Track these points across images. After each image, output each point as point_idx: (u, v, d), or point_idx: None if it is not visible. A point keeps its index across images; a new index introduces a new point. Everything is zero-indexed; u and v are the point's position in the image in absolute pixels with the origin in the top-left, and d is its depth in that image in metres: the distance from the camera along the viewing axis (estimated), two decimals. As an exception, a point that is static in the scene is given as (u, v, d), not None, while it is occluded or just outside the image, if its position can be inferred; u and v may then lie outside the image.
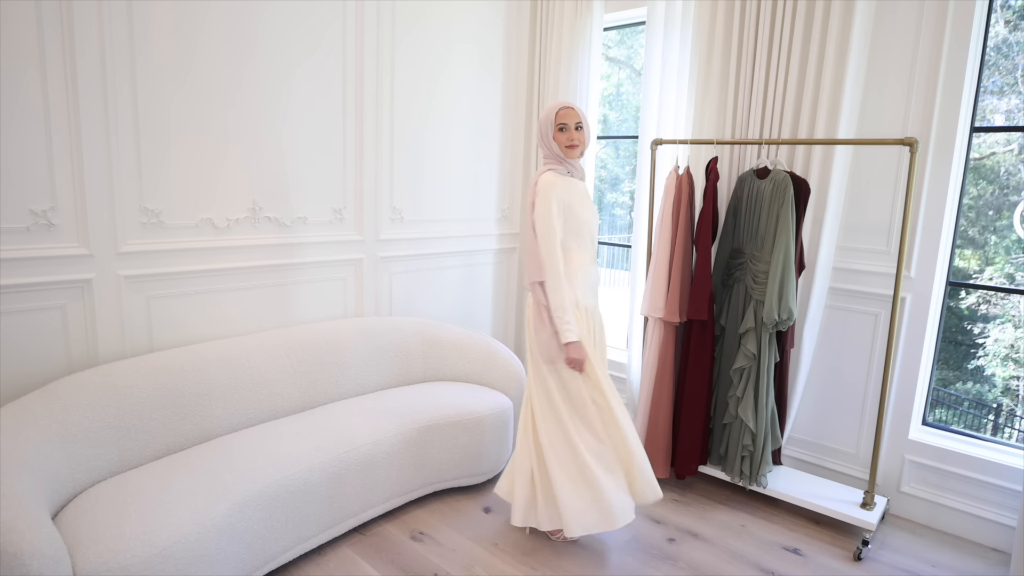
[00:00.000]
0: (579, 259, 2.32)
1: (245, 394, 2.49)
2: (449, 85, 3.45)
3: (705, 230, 2.76)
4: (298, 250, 2.90)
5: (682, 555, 2.44)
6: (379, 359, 3.00)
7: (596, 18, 3.47)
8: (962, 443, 2.66)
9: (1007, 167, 3.59)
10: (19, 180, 2.09)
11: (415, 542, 2.46)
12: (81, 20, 2.15)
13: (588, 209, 2.34)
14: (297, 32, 2.75)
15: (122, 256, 2.35)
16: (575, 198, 2.30)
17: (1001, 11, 2.76)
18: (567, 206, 2.27)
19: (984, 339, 4.17)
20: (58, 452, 1.94)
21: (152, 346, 2.48)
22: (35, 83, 2.08)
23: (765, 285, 2.59)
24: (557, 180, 2.27)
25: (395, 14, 3.12)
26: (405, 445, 2.56)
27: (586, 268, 2.34)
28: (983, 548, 2.56)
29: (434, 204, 3.50)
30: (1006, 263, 3.75)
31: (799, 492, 2.69)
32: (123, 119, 2.29)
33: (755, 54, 2.84)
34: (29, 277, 2.13)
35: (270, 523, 2.10)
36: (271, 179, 2.77)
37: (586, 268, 2.34)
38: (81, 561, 1.62)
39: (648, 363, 2.98)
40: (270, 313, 2.85)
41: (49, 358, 2.23)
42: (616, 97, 4.48)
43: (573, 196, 2.29)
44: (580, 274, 2.32)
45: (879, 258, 2.74)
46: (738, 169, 2.96)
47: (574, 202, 2.28)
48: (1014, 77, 3.13)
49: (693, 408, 2.83)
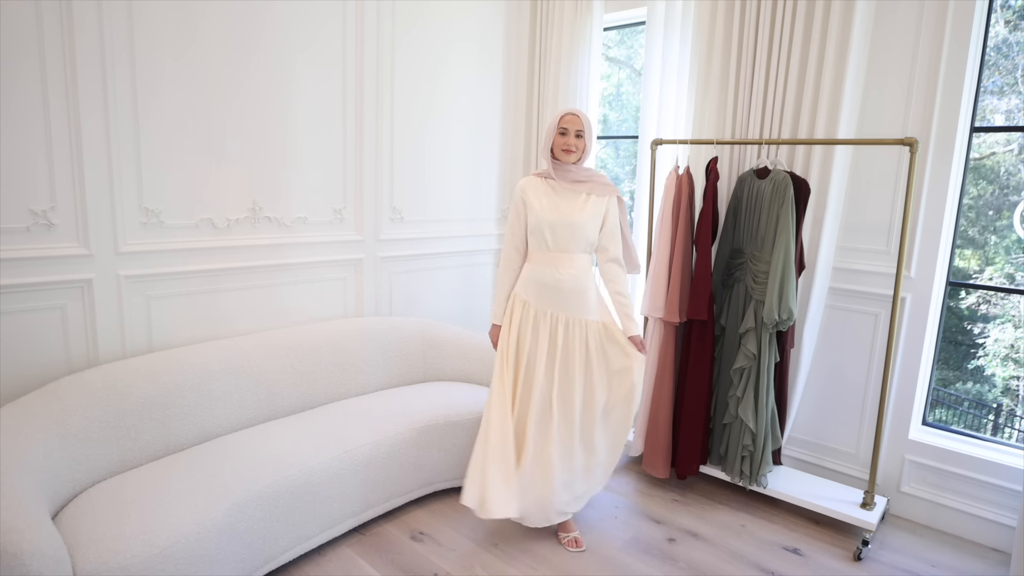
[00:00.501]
0: (536, 258, 2.39)
1: (245, 394, 2.49)
2: (449, 85, 3.45)
3: (705, 230, 2.76)
4: (298, 250, 2.90)
5: (682, 555, 2.43)
6: (379, 359, 3.00)
7: (596, 18, 3.47)
8: (962, 443, 2.66)
9: (1007, 167, 3.59)
10: (19, 180, 2.09)
11: (415, 542, 2.46)
12: (81, 20, 2.14)
13: (556, 210, 2.33)
14: (297, 32, 2.75)
15: (122, 256, 2.35)
16: (539, 199, 2.35)
17: (1001, 11, 2.76)
18: (527, 205, 2.36)
19: (984, 339, 4.17)
20: (58, 452, 1.94)
21: (152, 346, 2.48)
22: (35, 83, 2.08)
23: (765, 285, 2.59)
24: (528, 181, 2.40)
25: (395, 14, 3.11)
26: (405, 445, 2.56)
27: (539, 267, 2.37)
28: (983, 548, 2.56)
29: (434, 204, 3.50)
30: (1006, 263, 3.75)
31: (799, 492, 2.69)
32: (123, 119, 2.29)
33: (755, 54, 2.84)
34: (29, 277, 2.13)
35: (270, 523, 2.10)
36: (271, 179, 2.77)
37: (539, 267, 2.37)
38: (81, 561, 1.62)
39: (648, 363, 2.97)
40: (270, 313, 2.85)
41: (49, 358, 2.23)
42: (616, 97, 4.48)
43: (538, 197, 2.35)
44: (529, 271, 2.40)
45: (879, 258, 2.73)
46: (738, 169, 2.96)
47: (534, 202, 2.35)
48: (1014, 77, 3.13)
49: (693, 408, 2.83)
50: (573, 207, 2.33)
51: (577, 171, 2.36)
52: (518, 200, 2.40)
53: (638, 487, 2.98)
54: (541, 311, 2.38)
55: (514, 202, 2.42)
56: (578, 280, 2.35)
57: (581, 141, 2.33)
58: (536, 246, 2.39)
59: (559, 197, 2.34)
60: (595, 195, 2.35)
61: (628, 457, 3.27)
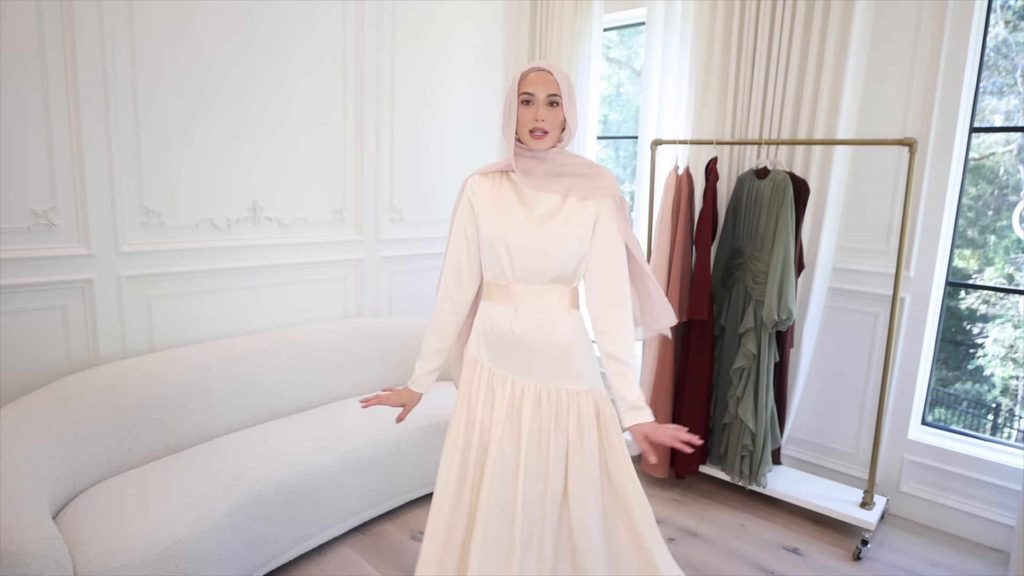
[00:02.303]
0: (489, 291, 1.57)
1: (245, 394, 2.49)
2: (449, 85, 3.45)
3: (705, 230, 2.76)
4: (298, 250, 2.90)
5: (682, 555, 2.44)
6: (379, 359, 3.00)
7: (596, 18, 3.47)
8: (961, 443, 2.67)
9: (1006, 167, 3.59)
10: (20, 180, 2.09)
11: (415, 542, 2.47)
12: (81, 20, 2.15)
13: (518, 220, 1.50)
14: (297, 32, 2.75)
15: (122, 256, 2.35)
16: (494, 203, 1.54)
17: (1000, 11, 2.76)
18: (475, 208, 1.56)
19: (983, 339, 4.17)
20: (59, 452, 1.94)
21: (152, 346, 2.48)
22: (36, 83, 2.09)
23: (765, 285, 2.59)
24: (477, 181, 1.58)
25: (395, 14, 3.12)
26: (405, 445, 2.56)
27: (493, 307, 1.55)
28: (982, 548, 2.57)
29: (434, 204, 3.50)
30: (1005, 263, 3.75)
31: (799, 492, 2.69)
32: (123, 119, 2.29)
33: (755, 54, 2.85)
34: (30, 277, 2.14)
35: (270, 523, 2.11)
36: (271, 179, 2.77)
37: (493, 307, 1.55)
38: (82, 561, 1.62)
39: (648, 363, 2.98)
40: (270, 313, 2.85)
41: (50, 358, 2.23)
42: (616, 97, 4.47)
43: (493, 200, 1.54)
44: (482, 315, 1.58)
45: (878, 258, 2.74)
46: (738, 169, 2.96)
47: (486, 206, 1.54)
48: (1014, 77, 3.13)
49: (693, 408, 2.84)
50: (544, 214, 1.51)
51: (553, 160, 1.52)
52: (464, 203, 1.57)
53: (638, 487, 2.98)
54: (499, 377, 1.55)
55: (458, 207, 1.59)
56: (552, 327, 1.51)
57: (556, 112, 1.48)
58: (490, 274, 1.56)
59: (523, 200, 1.53)
60: (575, 197, 1.52)
61: (628, 457, 3.27)
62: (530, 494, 1.50)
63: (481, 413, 1.55)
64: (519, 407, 1.52)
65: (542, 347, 1.52)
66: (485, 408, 1.55)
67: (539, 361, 1.52)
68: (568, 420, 1.52)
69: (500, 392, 1.54)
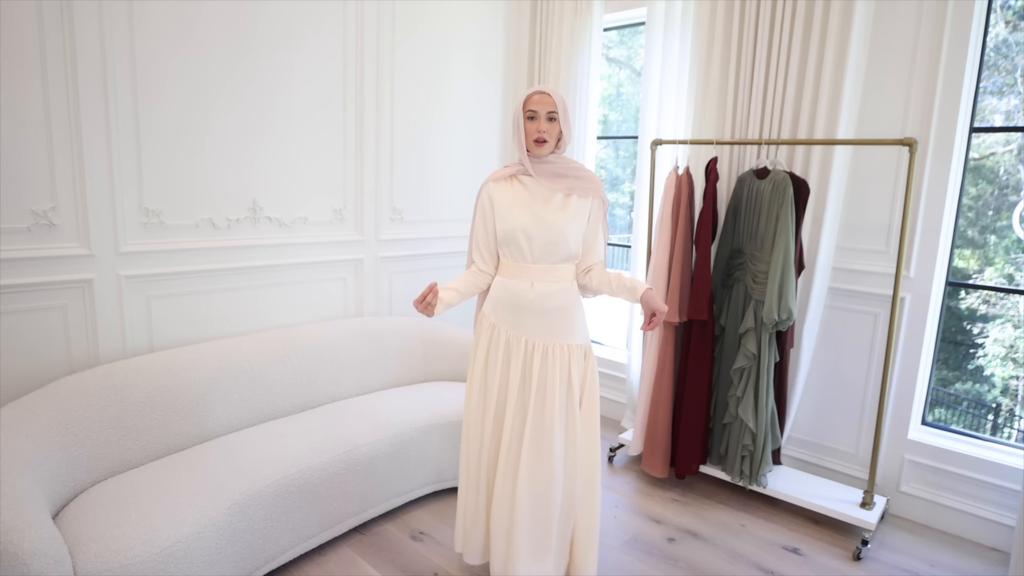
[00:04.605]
0: (509, 270, 2.01)
1: (245, 394, 2.49)
2: (449, 85, 3.45)
3: (705, 230, 2.76)
4: (298, 250, 2.90)
5: (682, 555, 2.44)
6: (379, 359, 3.00)
7: (596, 18, 3.47)
8: (961, 443, 2.67)
9: (1006, 167, 3.59)
10: (20, 180, 2.10)
11: (415, 542, 2.47)
12: (81, 20, 2.15)
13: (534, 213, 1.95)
14: (297, 32, 2.75)
15: (122, 256, 2.35)
16: (511, 200, 1.97)
17: (1001, 11, 2.76)
18: (495, 207, 1.99)
19: (983, 339, 4.17)
20: (59, 452, 1.94)
21: (152, 346, 2.48)
22: (36, 83, 2.09)
23: (765, 285, 2.59)
24: (493, 187, 2.01)
25: (395, 14, 3.12)
26: (405, 445, 2.56)
27: (512, 282, 1.99)
28: (982, 548, 2.57)
29: (434, 204, 3.50)
30: (1006, 263, 3.75)
31: (799, 492, 2.69)
32: (123, 119, 2.29)
33: (755, 54, 2.85)
34: (30, 277, 2.14)
35: (270, 523, 2.11)
36: (271, 179, 2.77)
37: (512, 282, 1.99)
38: (82, 561, 1.62)
39: (648, 363, 2.98)
40: (270, 313, 2.85)
41: (50, 358, 2.23)
42: (616, 97, 4.48)
43: (509, 198, 1.98)
44: (500, 288, 2.02)
45: (878, 258, 2.74)
46: (738, 169, 2.96)
47: (504, 204, 1.97)
48: (1014, 77, 3.13)
49: (693, 408, 2.84)
50: (551, 208, 1.96)
51: (555, 163, 1.99)
52: (485, 202, 2.01)
53: (637, 487, 2.98)
54: (514, 337, 1.99)
55: (480, 205, 2.03)
56: (561, 296, 1.98)
57: (554, 125, 1.93)
58: (508, 255, 2.00)
59: (534, 197, 1.97)
60: (577, 195, 1.98)
61: (628, 457, 3.27)
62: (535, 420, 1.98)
63: (501, 366, 2.01)
64: (530, 360, 1.98)
65: (551, 311, 1.97)
66: (504, 363, 2.01)
67: (548, 323, 1.97)
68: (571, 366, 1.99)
69: (515, 350, 1.99)
